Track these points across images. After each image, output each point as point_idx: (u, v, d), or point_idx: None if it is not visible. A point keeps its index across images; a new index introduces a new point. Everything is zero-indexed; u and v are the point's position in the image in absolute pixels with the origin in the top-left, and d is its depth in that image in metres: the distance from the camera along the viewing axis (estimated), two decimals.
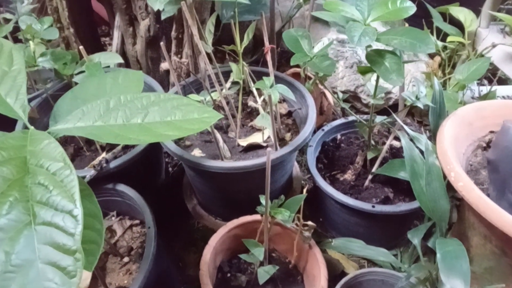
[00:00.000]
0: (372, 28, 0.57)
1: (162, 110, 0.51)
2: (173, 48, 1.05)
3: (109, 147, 0.92)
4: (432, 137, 0.70)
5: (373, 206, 0.75)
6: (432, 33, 1.27)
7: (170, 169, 1.08)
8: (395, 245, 0.89)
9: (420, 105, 0.67)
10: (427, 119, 1.31)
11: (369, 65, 0.61)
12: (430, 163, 0.60)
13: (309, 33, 0.68)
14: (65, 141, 0.93)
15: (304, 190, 0.70)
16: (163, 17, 0.75)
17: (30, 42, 0.76)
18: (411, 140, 0.69)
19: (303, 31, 0.69)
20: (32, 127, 0.49)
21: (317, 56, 0.66)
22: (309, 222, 0.72)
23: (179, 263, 0.94)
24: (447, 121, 0.66)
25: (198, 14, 0.93)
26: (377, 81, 0.68)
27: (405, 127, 0.69)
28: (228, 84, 0.89)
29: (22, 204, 0.39)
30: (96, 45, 1.28)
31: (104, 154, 0.88)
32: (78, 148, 0.92)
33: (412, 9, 0.59)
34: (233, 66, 0.78)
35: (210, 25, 0.79)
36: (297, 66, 1.32)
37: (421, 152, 0.65)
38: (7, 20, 0.92)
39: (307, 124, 0.77)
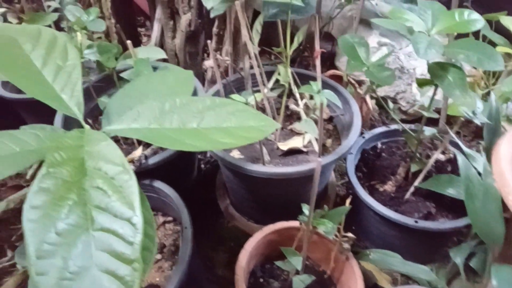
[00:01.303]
0: (437, 40, 0.54)
1: (217, 115, 0.49)
2: (213, 45, 1.03)
3: (146, 141, 0.92)
4: (484, 153, 0.67)
5: (416, 222, 0.72)
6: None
7: (202, 166, 1.08)
8: (430, 260, 0.86)
9: (477, 121, 0.64)
10: (465, 129, 1.27)
11: (428, 76, 0.58)
12: (488, 184, 0.57)
13: (366, 40, 0.66)
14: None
15: (347, 202, 0.68)
16: (212, 14, 0.73)
17: (78, 33, 0.75)
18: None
19: (359, 38, 0.66)
20: (87, 126, 0.48)
21: (374, 65, 0.63)
22: (349, 234, 0.70)
23: (207, 262, 0.93)
24: (504, 140, 0.63)
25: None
26: (434, 94, 0.65)
27: (461, 143, 0.66)
28: (270, 85, 0.87)
29: (80, 208, 0.38)
30: (134, 36, 1.28)
31: (141, 149, 0.88)
32: (114, 141, 0.91)
33: (480, 22, 0.56)
34: (281, 68, 0.76)
35: (257, 25, 0.77)
36: (335, 68, 1.29)
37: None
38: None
39: (352, 132, 0.75)
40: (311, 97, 0.90)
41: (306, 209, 0.66)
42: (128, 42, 0.71)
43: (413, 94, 1.13)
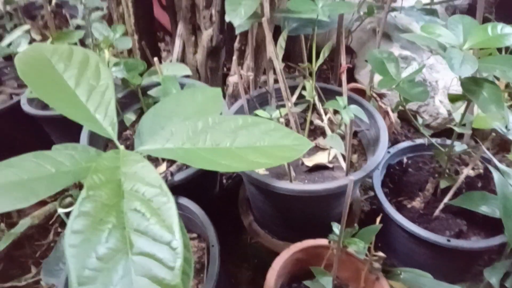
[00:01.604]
0: (471, 55, 0.53)
1: (250, 135, 0.49)
2: (235, 59, 1.03)
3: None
4: None
5: (449, 240, 0.70)
6: (500, 51, 1.20)
7: (224, 181, 1.07)
8: (459, 279, 0.84)
9: (511, 137, 0.62)
10: (488, 142, 1.24)
11: (461, 92, 0.57)
12: None
13: (396, 56, 0.65)
14: (126, 148, 0.93)
15: (378, 221, 0.67)
16: (237, 31, 0.74)
17: (106, 51, 0.76)
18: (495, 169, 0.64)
19: (388, 53, 0.66)
20: (122, 147, 0.48)
21: (405, 81, 0.62)
22: (380, 253, 0.68)
23: (231, 279, 0.92)
24: None
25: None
26: (466, 109, 0.63)
27: (495, 160, 0.64)
28: (293, 100, 0.87)
29: (119, 232, 0.37)
30: (154, 52, 1.29)
31: (165, 165, 0.88)
32: None
33: None
34: (307, 84, 0.75)
35: (281, 41, 0.77)
36: (355, 81, 1.28)
37: None
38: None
39: (379, 148, 0.73)
40: (335, 112, 0.89)
41: (336, 227, 0.64)
42: (155, 59, 0.72)
43: (436, 107, 1.11)
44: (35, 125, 1.05)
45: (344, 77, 0.70)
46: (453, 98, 0.62)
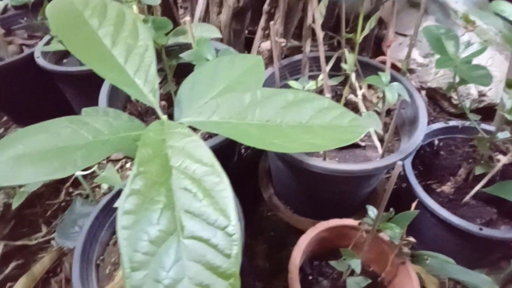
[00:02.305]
0: None
1: (302, 112, 0.45)
2: (262, 23, 0.97)
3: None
4: None
5: (481, 229, 0.68)
6: None
7: (242, 150, 1.04)
8: (480, 266, 0.83)
9: None
10: None
11: None
12: None
13: (455, 33, 0.60)
14: (146, 111, 0.90)
15: (413, 206, 0.64)
16: None
17: (134, 7, 0.70)
18: None
19: (446, 29, 0.61)
20: (164, 116, 0.44)
21: (463, 62, 0.58)
22: (410, 238, 0.67)
23: (246, 251, 0.91)
24: None
25: None
26: None
27: None
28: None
29: (169, 212, 0.34)
30: (171, 10, 1.22)
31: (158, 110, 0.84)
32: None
33: None
34: (347, 56, 0.71)
35: (322, 7, 0.71)
36: (383, 53, 1.23)
37: None
38: None
39: (418, 130, 0.70)
40: (369, 86, 0.85)
41: (371, 211, 0.62)
42: (187, 19, 0.66)
43: (467, 87, 1.06)
44: (48, 79, 1.00)
45: (388, 53, 0.65)
46: (510, 84, 0.58)
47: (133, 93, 0.44)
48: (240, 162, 1.01)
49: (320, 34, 0.64)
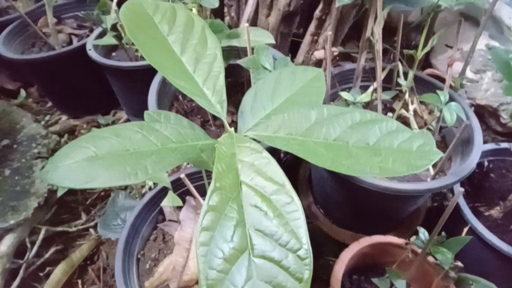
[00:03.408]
0: None
1: (369, 133, 0.44)
2: (312, 29, 0.96)
3: (236, 125, 0.88)
4: None
5: None
6: None
7: (282, 155, 1.04)
8: None
9: None
10: None
11: None
12: None
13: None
14: (191, 110, 0.90)
15: (464, 231, 0.63)
16: (338, 4, 0.67)
17: (193, 10, 0.71)
18: None
19: None
20: (231, 129, 0.44)
21: None
22: (458, 263, 0.65)
23: None
24: None
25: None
26: None
27: None
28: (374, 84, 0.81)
29: (241, 229, 0.34)
30: (220, 10, 1.22)
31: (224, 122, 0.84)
32: (204, 121, 0.88)
33: None
34: (409, 73, 0.69)
35: (381, 20, 0.70)
36: (430, 65, 1.19)
37: None
38: None
39: (473, 153, 0.68)
40: (421, 102, 0.83)
41: (422, 233, 0.61)
42: (246, 25, 0.66)
43: None
44: (96, 71, 1.02)
45: (449, 71, 0.63)
46: None
47: (202, 102, 0.44)
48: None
49: (380, 50, 0.62)
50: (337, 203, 0.81)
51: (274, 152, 0.95)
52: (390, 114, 0.84)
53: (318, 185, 0.85)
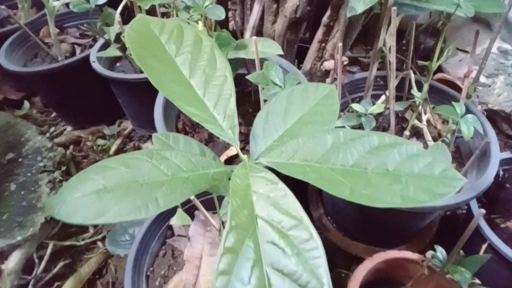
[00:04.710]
0: None
1: (388, 158, 0.42)
2: (319, 35, 0.94)
3: (243, 137, 0.87)
4: None
5: None
6: None
7: None
8: None
9: None
10: None
11: None
12: None
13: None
14: (198, 123, 0.88)
15: (483, 249, 0.61)
16: (349, 14, 0.64)
17: (199, 23, 0.69)
18: None
19: None
20: (245, 156, 0.42)
21: None
22: (476, 280, 0.63)
23: None
24: None
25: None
26: None
27: None
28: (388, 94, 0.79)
29: (259, 270, 0.33)
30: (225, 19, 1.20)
31: (234, 150, 0.83)
32: (211, 134, 0.87)
33: None
34: (425, 86, 0.67)
35: (393, 28, 0.68)
36: (440, 69, 1.17)
37: None
38: None
39: (490, 166, 0.66)
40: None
41: (440, 252, 0.59)
42: (254, 38, 0.64)
43: None
44: (100, 82, 1.00)
45: (467, 82, 0.61)
46: None
47: (212, 129, 0.43)
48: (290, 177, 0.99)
49: (394, 61, 0.60)
50: (349, 216, 0.79)
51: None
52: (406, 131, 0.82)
53: (329, 198, 0.83)
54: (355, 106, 0.70)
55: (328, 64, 0.75)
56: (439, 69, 1.15)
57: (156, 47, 0.47)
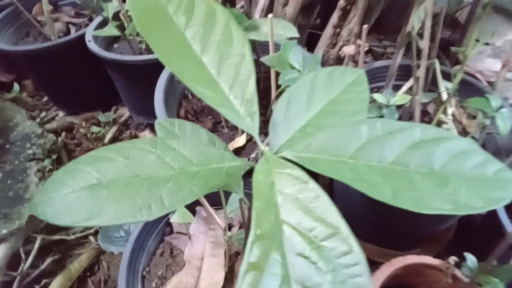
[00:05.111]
0: None
1: (433, 155, 0.35)
2: (334, 20, 0.87)
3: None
4: None
5: None
6: None
7: None
8: None
9: None
10: None
11: None
12: None
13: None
14: (202, 110, 0.82)
15: None
16: None
17: None
18: None
19: None
20: (266, 149, 0.36)
21: None
22: None
23: None
24: None
25: None
26: None
27: None
28: (409, 84, 0.72)
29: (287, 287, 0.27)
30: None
31: (245, 137, 0.76)
32: (216, 123, 0.80)
33: None
34: (458, 75, 0.60)
35: (421, 11, 0.61)
36: (458, 63, 1.11)
37: None
38: None
39: None
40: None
41: (470, 260, 0.53)
42: (270, 16, 0.58)
43: None
44: (96, 63, 0.93)
45: (504, 72, 0.55)
46: None
47: (228, 114, 0.36)
48: None
49: (426, 47, 0.54)
50: (363, 217, 0.74)
51: None
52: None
53: (342, 197, 0.77)
54: (376, 96, 0.64)
55: (348, 49, 0.68)
56: (457, 62, 1.09)
57: (163, 18, 0.40)
